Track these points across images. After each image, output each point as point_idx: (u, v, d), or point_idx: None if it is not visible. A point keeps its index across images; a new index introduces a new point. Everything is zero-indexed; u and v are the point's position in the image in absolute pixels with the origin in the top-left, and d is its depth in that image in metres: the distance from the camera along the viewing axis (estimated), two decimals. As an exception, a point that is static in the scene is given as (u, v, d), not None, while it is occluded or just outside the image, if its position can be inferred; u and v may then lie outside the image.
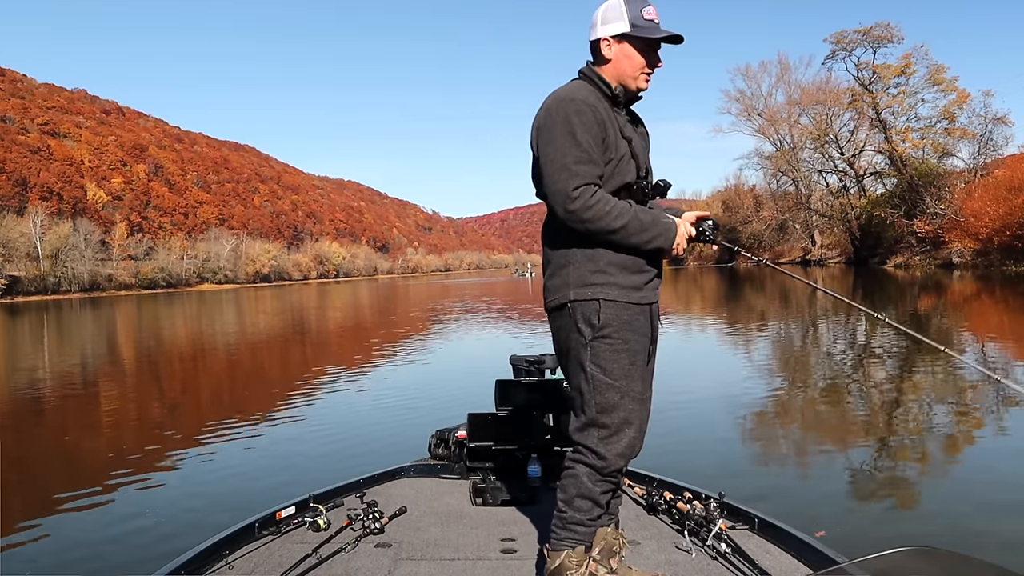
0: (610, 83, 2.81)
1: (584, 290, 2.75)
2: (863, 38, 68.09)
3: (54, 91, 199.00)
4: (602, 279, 2.74)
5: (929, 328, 18.44)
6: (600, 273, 2.74)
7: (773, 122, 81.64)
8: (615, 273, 2.75)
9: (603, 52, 2.81)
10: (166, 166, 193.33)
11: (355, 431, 9.24)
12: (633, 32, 2.74)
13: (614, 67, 2.81)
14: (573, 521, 2.84)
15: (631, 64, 2.79)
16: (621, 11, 2.75)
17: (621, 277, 2.75)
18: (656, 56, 2.82)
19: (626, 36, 2.76)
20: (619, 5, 2.76)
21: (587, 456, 2.80)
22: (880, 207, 67.58)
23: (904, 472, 6.64)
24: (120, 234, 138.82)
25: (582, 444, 2.82)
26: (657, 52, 2.81)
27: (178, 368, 18.12)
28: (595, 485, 2.81)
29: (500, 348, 16.02)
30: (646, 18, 2.74)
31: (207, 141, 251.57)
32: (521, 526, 3.98)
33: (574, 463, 2.86)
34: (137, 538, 5.58)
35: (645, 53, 2.79)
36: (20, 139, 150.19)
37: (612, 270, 2.74)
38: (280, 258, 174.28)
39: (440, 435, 5.12)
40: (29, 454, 9.13)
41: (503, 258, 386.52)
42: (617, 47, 2.79)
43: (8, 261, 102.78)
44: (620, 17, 2.75)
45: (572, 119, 2.67)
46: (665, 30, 2.77)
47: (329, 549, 3.60)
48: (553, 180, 2.67)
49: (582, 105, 2.70)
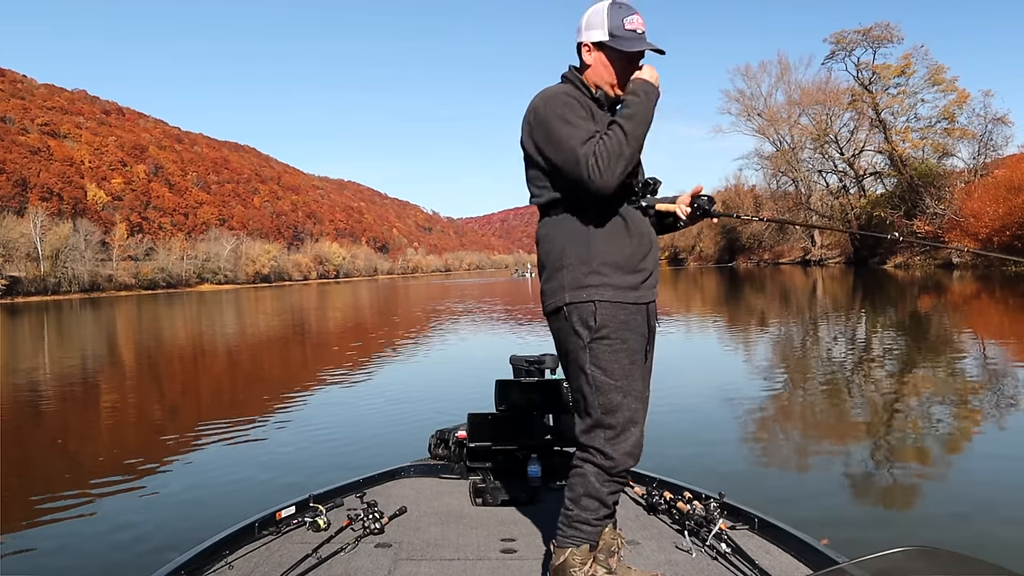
0: (590, 88, 2.82)
1: (579, 292, 2.75)
2: (863, 38, 68.23)
3: (54, 91, 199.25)
4: (597, 280, 2.73)
5: (929, 329, 18.47)
6: (594, 274, 2.74)
7: (773, 122, 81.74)
8: (609, 273, 2.74)
9: (583, 57, 2.82)
10: (166, 166, 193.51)
11: (355, 431, 9.24)
12: (610, 42, 2.73)
13: (593, 73, 2.81)
14: (579, 520, 2.85)
15: (608, 72, 2.79)
16: (603, 18, 2.73)
17: (616, 277, 2.75)
18: (635, 67, 2.78)
19: (603, 45, 2.75)
20: (602, 11, 2.74)
21: (595, 456, 2.80)
22: (880, 207, 67.66)
23: (904, 472, 6.63)
24: (120, 235, 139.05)
25: (589, 445, 2.82)
26: (637, 63, 2.78)
27: (177, 368, 18.12)
28: (603, 485, 2.82)
29: (500, 348, 16.03)
30: (627, 27, 2.72)
31: (207, 142, 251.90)
32: (521, 526, 3.98)
33: (582, 463, 2.87)
34: (136, 538, 5.58)
35: (621, 64, 2.77)
36: (20, 139, 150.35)
37: (606, 270, 2.74)
38: (280, 259, 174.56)
39: (440, 435, 5.13)
40: (27, 455, 9.13)
41: (503, 258, 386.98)
42: (596, 54, 2.78)
43: (8, 262, 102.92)
44: (601, 24, 2.74)
45: (561, 110, 2.68)
46: (646, 43, 2.75)
47: (329, 549, 3.60)
48: (571, 165, 2.65)
49: (568, 98, 2.72)
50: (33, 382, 15.93)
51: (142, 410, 12.28)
